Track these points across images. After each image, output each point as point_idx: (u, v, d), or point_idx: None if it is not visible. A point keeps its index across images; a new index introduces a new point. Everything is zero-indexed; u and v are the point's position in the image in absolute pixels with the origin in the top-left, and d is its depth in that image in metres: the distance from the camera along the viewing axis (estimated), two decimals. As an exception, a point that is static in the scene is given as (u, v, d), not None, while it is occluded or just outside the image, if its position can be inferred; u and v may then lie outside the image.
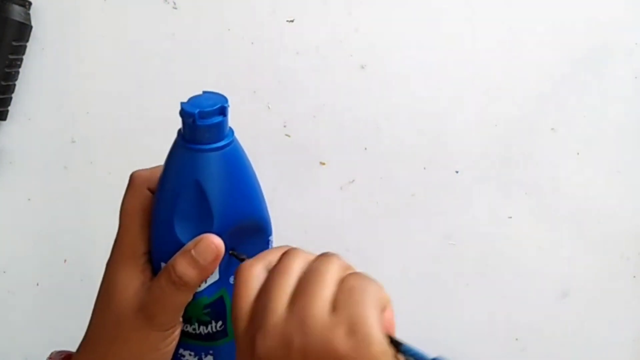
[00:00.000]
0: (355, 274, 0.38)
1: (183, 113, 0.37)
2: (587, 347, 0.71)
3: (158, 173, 0.40)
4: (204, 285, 0.41)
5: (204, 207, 0.38)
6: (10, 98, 0.68)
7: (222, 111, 0.39)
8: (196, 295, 0.42)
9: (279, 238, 0.54)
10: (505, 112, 0.71)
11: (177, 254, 0.38)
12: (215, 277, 0.43)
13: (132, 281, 0.40)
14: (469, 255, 0.71)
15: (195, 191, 0.38)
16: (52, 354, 0.49)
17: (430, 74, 0.70)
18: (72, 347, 0.67)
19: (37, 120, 0.70)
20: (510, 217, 0.71)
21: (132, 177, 0.41)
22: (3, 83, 0.65)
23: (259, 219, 0.44)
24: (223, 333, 0.46)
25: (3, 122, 0.68)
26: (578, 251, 0.71)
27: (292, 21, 0.70)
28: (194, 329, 0.44)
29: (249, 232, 0.42)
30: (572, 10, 0.71)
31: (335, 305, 0.33)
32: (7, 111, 0.68)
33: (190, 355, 0.46)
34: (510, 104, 0.71)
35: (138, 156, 0.69)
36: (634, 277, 0.71)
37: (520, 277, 0.71)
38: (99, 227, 0.69)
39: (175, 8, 0.70)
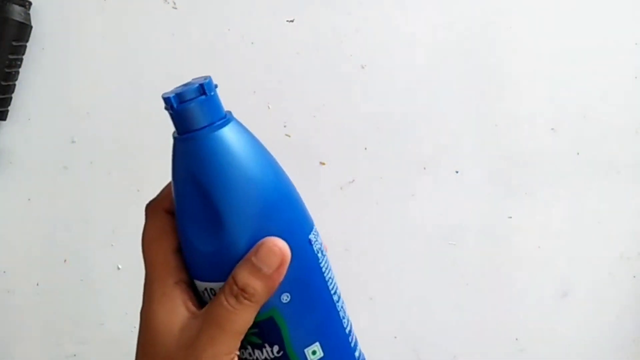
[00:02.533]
0: None
1: (164, 102, 0.33)
2: (587, 347, 0.71)
3: (168, 192, 0.35)
4: None
5: (208, 203, 0.33)
6: (10, 98, 0.68)
7: (202, 90, 0.34)
8: None
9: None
10: (505, 112, 0.71)
11: (238, 264, 0.33)
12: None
13: (173, 317, 0.34)
14: (469, 255, 0.71)
15: (196, 187, 0.33)
16: None
17: (430, 74, 0.70)
18: (72, 347, 0.68)
19: (37, 120, 0.70)
20: (510, 217, 0.71)
21: (145, 209, 0.36)
22: (3, 83, 0.65)
23: (285, 208, 0.36)
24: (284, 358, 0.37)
25: (3, 122, 0.68)
26: (578, 251, 0.71)
27: (292, 21, 0.70)
28: (250, 354, 0.36)
29: (277, 229, 0.34)
30: (572, 10, 0.71)
31: None
32: (7, 111, 0.68)
33: None
34: (510, 104, 0.71)
35: (138, 156, 0.69)
36: (634, 277, 0.71)
37: (520, 277, 0.71)
38: (99, 227, 0.69)
39: (175, 8, 0.70)
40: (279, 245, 0.33)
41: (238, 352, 0.34)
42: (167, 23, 0.70)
